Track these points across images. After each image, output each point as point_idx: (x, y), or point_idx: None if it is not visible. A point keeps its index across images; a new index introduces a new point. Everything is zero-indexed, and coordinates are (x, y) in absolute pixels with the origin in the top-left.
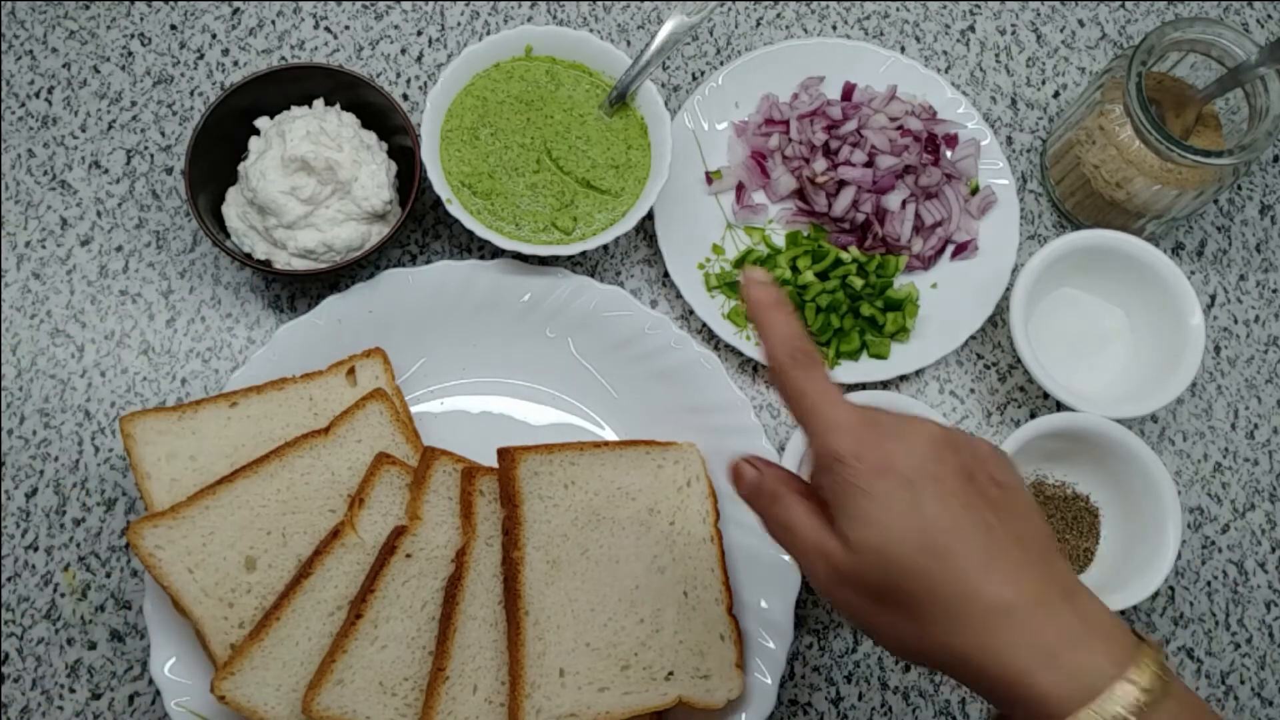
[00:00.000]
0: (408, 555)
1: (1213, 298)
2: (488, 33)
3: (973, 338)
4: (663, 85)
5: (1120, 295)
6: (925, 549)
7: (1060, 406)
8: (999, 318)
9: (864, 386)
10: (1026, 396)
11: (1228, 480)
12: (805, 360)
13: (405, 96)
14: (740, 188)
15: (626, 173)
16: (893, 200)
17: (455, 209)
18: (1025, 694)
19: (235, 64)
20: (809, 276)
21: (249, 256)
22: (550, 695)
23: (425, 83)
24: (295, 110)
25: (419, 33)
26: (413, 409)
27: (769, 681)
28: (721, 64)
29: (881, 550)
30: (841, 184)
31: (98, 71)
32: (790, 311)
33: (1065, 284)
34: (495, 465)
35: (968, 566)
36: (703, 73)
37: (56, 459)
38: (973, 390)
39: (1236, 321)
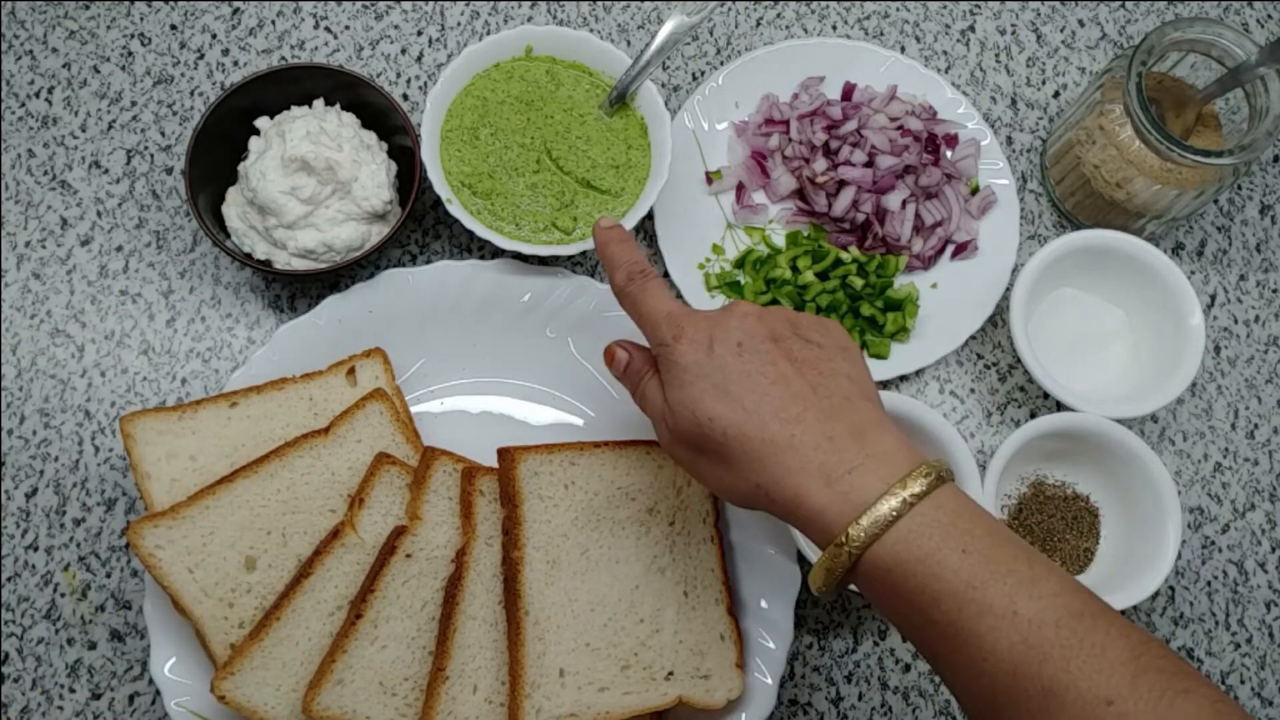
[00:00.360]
0: (408, 555)
1: (1213, 298)
2: (488, 33)
3: (973, 338)
4: (663, 85)
5: (1120, 295)
6: (721, 398)
7: (1060, 406)
8: (999, 318)
9: None
10: (1026, 396)
11: (1228, 480)
12: (641, 276)
13: (405, 96)
14: (740, 188)
15: (626, 173)
16: (893, 200)
17: (455, 209)
18: (806, 513)
19: (235, 64)
20: (809, 276)
21: (249, 256)
22: (550, 695)
23: (425, 83)
24: (295, 110)
25: (419, 33)
26: (413, 409)
27: (769, 681)
28: (721, 64)
29: (689, 405)
30: (841, 184)
31: (98, 71)
32: (632, 242)
33: (1065, 284)
34: (495, 465)
35: (757, 409)
36: (703, 73)
37: (56, 459)
38: (973, 390)
39: (1236, 321)
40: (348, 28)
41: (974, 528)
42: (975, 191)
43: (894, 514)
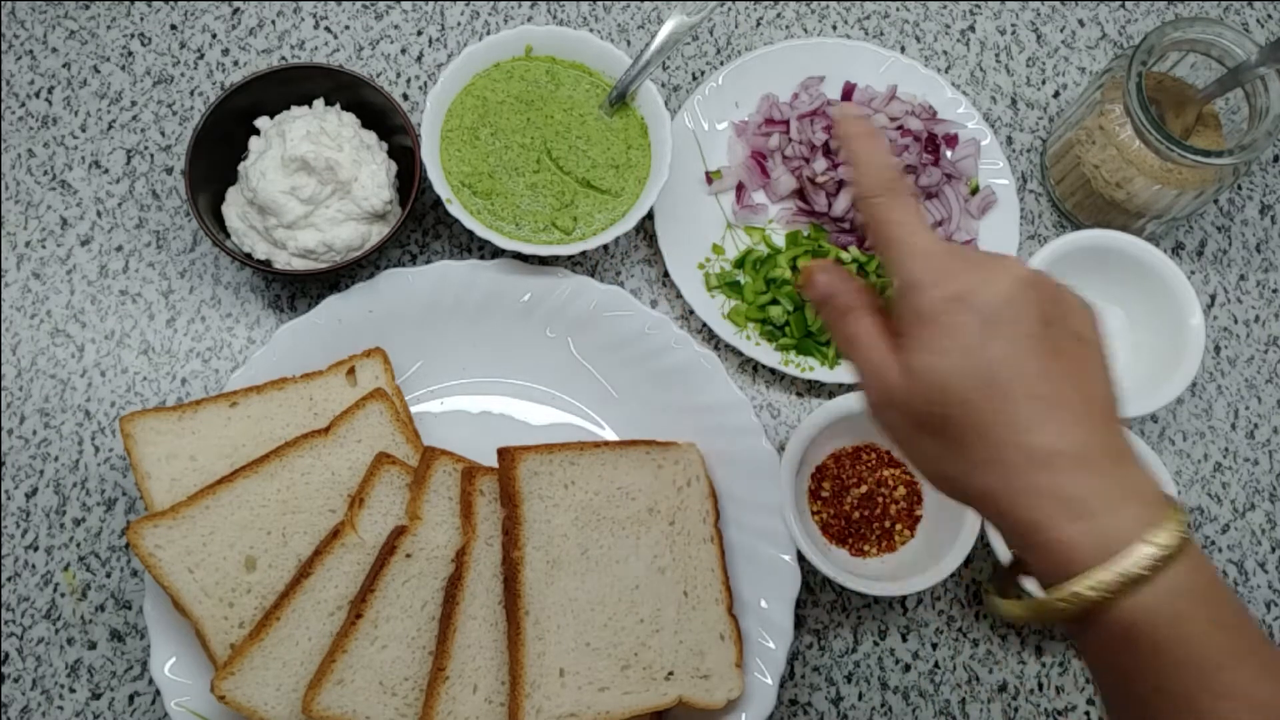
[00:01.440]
0: (408, 555)
1: (1213, 298)
2: (488, 33)
3: None
4: (663, 85)
5: (1120, 295)
6: (983, 385)
7: None
8: None
9: None
10: None
11: (1228, 480)
12: (894, 188)
13: (405, 96)
14: (740, 188)
15: (626, 173)
16: None
17: (455, 209)
18: (1042, 542)
19: (235, 64)
20: None
21: (249, 256)
22: (550, 695)
23: (425, 83)
24: (295, 110)
25: (419, 33)
26: (413, 409)
27: (769, 681)
28: (721, 64)
29: (939, 380)
30: (841, 184)
31: (98, 71)
32: (882, 141)
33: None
34: (495, 465)
35: (1020, 410)
36: (703, 73)
37: (56, 459)
38: None
39: (1236, 321)
40: (348, 28)
41: (1222, 595)
42: (975, 191)
43: (1149, 569)
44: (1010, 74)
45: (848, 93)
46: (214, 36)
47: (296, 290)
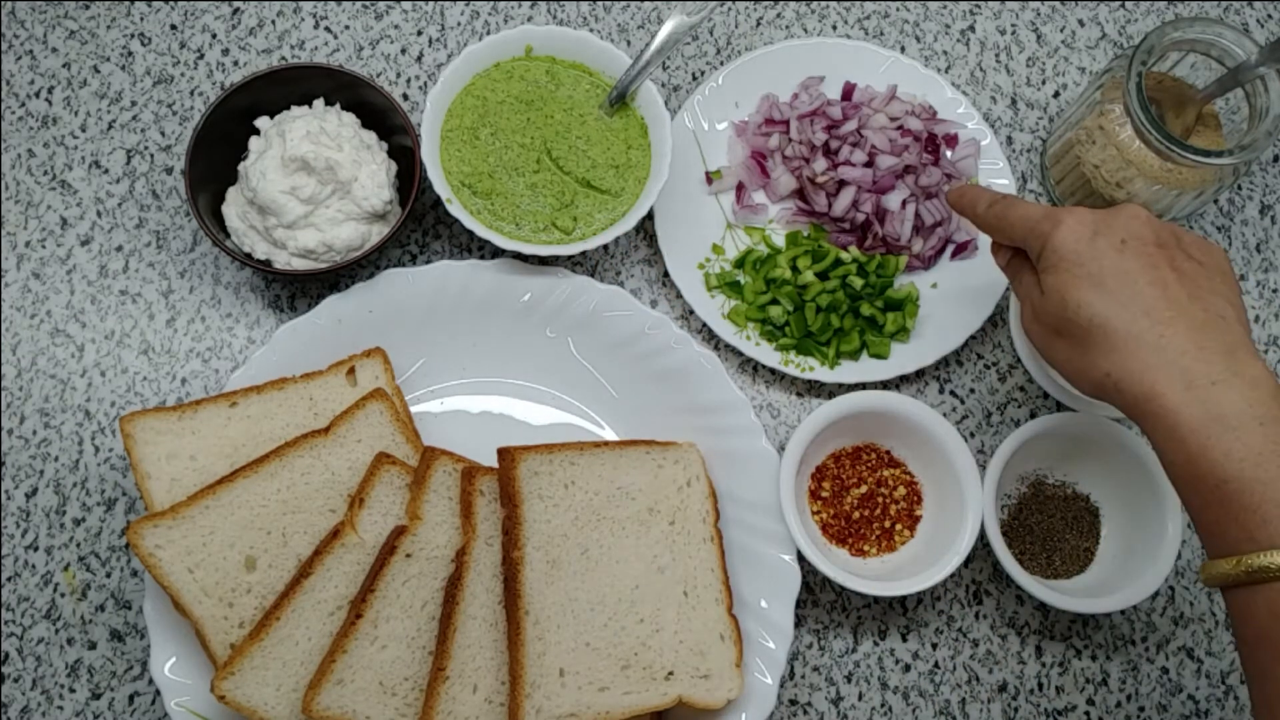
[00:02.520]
0: (408, 555)
1: None
2: (488, 33)
3: (973, 338)
4: (663, 85)
5: None
6: (1094, 287)
7: (1060, 406)
8: (999, 318)
9: (864, 386)
10: (1026, 396)
11: None
12: (997, 199)
13: (405, 96)
14: (740, 188)
15: (626, 173)
16: (893, 200)
17: (455, 209)
18: (1155, 409)
19: (235, 64)
20: (809, 276)
21: (249, 256)
22: (550, 695)
23: (425, 83)
24: (295, 110)
25: (419, 33)
26: (413, 409)
27: (769, 681)
28: (721, 64)
29: (1060, 289)
30: (841, 184)
31: (98, 71)
32: (973, 186)
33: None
34: (495, 465)
35: (1130, 306)
36: (703, 73)
37: (56, 459)
38: (973, 390)
39: None
40: (348, 28)
41: None
42: None
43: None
44: (1010, 74)
45: (848, 92)
46: (214, 36)
47: (296, 290)
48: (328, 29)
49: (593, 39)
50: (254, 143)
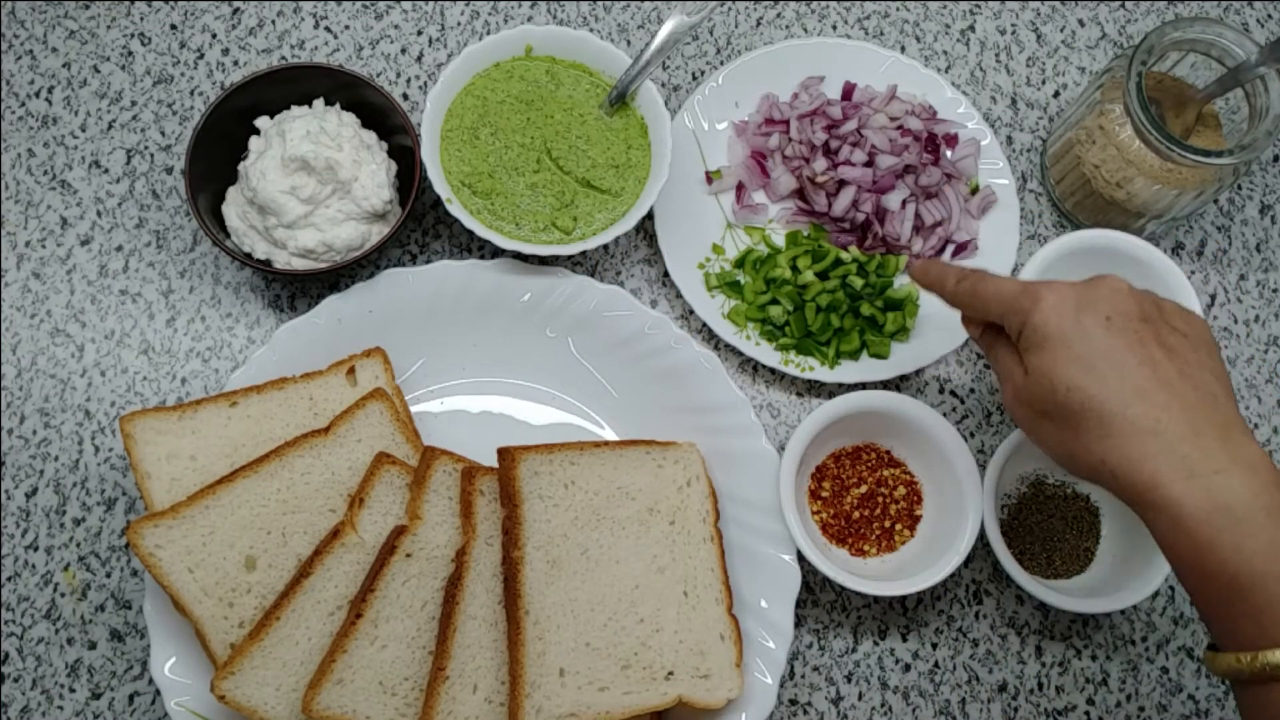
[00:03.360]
0: (408, 555)
1: (1213, 298)
2: (488, 32)
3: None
4: (663, 85)
5: None
6: (1085, 370)
7: None
8: None
9: (864, 386)
10: None
11: None
12: (967, 274)
13: (405, 96)
14: (740, 187)
15: (626, 172)
16: (893, 200)
17: (455, 209)
18: (1159, 500)
19: (235, 64)
20: (809, 276)
21: (249, 256)
22: (550, 695)
23: (425, 82)
24: (295, 110)
25: (419, 32)
26: (413, 409)
27: (769, 681)
28: (721, 64)
29: (1047, 371)
30: (841, 184)
31: (98, 71)
32: (938, 262)
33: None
34: (495, 465)
35: (1123, 388)
36: (703, 73)
37: (56, 459)
38: (973, 390)
39: (1236, 321)
40: (348, 28)
41: None
42: (975, 191)
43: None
44: (1010, 74)
45: (848, 92)
46: (214, 36)
47: (296, 290)
48: (328, 29)
49: (593, 39)
50: (254, 143)
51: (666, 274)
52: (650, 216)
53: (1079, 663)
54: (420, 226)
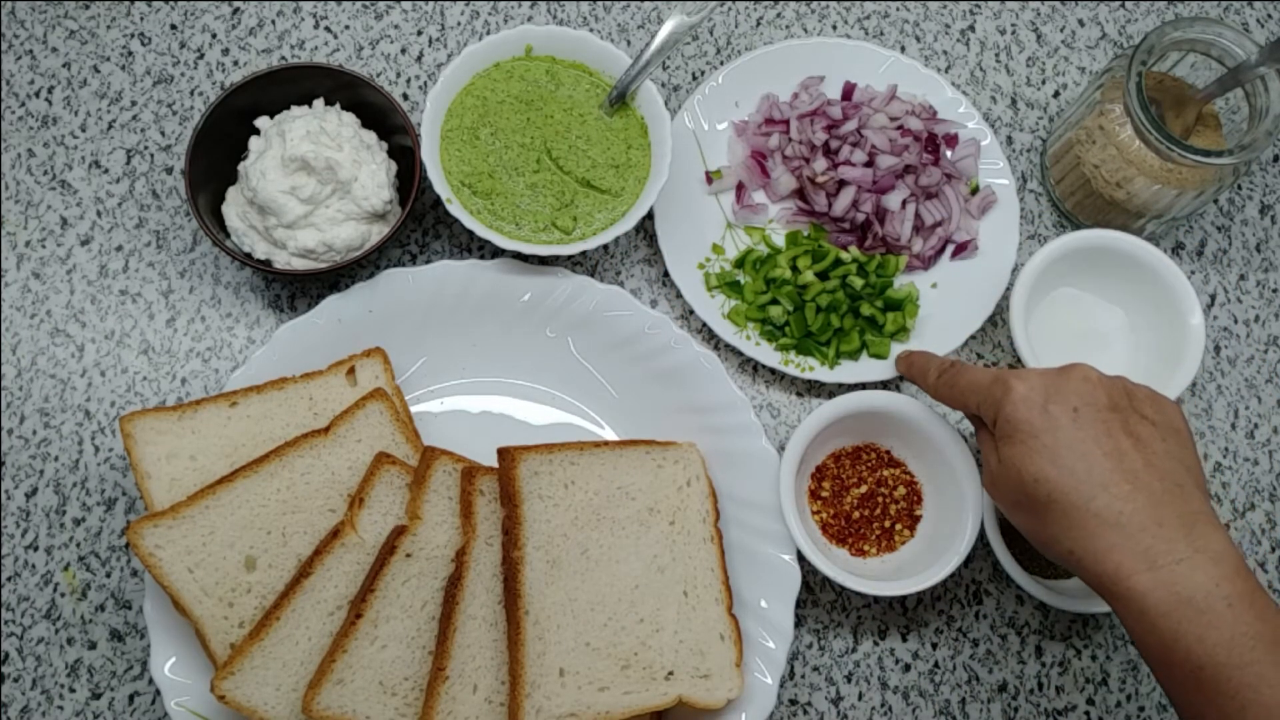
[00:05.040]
0: (408, 555)
1: (1213, 298)
2: (488, 32)
3: (973, 338)
4: (663, 85)
5: (1120, 295)
6: (1051, 461)
7: None
8: (999, 318)
9: (864, 386)
10: None
11: (1228, 480)
12: (946, 367)
13: (405, 96)
14: (740, 187)
15: (626, 172)
16: (893, 200)
17: (455, 209)
18: (1123, 591)
19: (235, 64)
20: (809, 276)
21: (249, 256)
22: (550, 695)
23: (425, 82)
24: (295, 110)
25: (419, 32)
26: (413, 409)
27: (769, 681)
28: (721, 64)
29: (1017, 462)
30: (841, 184)
31: (98, 71)
32: (922, 352)
33: (1065, 284)
34: (495, 465)
35: (1089, 480)
36: (703, 72)
37: (56, 459)
38: None
39: (1236, 321)
40: (348, 28)
41: None
42: (975, 191)
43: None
44: (1010, 74)
45: (848, 92)
46: (214, 36)
47: (296, 290)
48: (328, 29)
49: (593, 39)
50: (254, 143)
51: (666, 274)
52: (650, 216)
53: (1079, 663)
54: (420, 226)
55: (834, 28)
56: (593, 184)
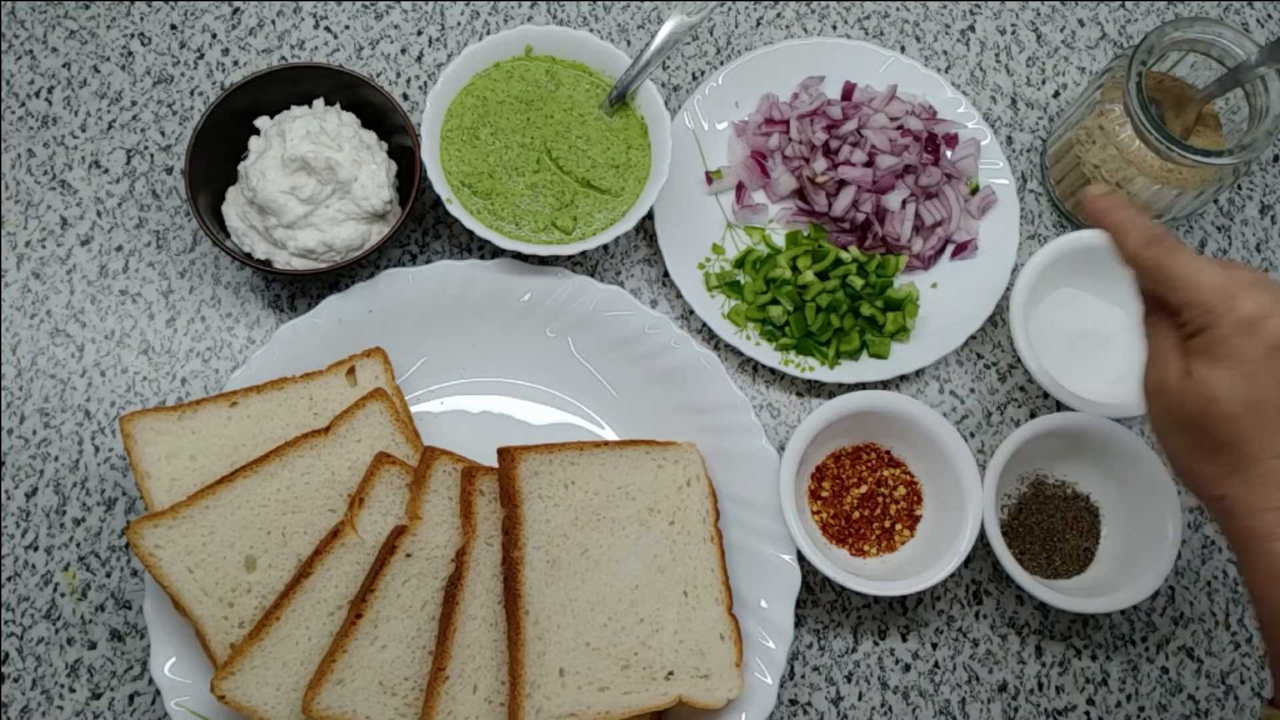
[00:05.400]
0: (408, 555)
1: None
2: (488, 32)
3: (973, 338)
4: (663, 85)
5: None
6: (1249, 405)
7: (1060, 406)
8: (999, 318)
9: (864, 386)
10: (1026, 396)
11: None
12: (1158, 238)
13: (405, 96)
14: (740, 187)
15: (626, 172)
16: (893, 200)
17: (455, 209)
18: (1264, 552)
19: (235, 64)
20: (809, 276)
21: (249, 256)
22: (550, 695)
23: (425, 82)
24: (295, 110)
25: (419, 32)
26: (413, 409)
27: (769, 681)
28: (721, 64)
29: (1212, 390)
30: (841, 184)
31: (98, 71)
32: (1133, 206)
33: (1065, 284)
34: (495, 465)
35: (1277, 437)
36: (703, 73)
37: (56, 459)
38: (973, 390)
39: None
40: (348, 28)
41: None
42: (975, 191)
43: None
44: (1010, 74)
45: (848, 92)
46: (214, 36)
47: (296, 290)
48: (328, 29)
49: (593, 39)
50: (254, 143)
51: (666, 274)
52: (650, 216)
53: (1079, 663)
54: (420, 226)
55: (834, 28)
56: (593, 184)
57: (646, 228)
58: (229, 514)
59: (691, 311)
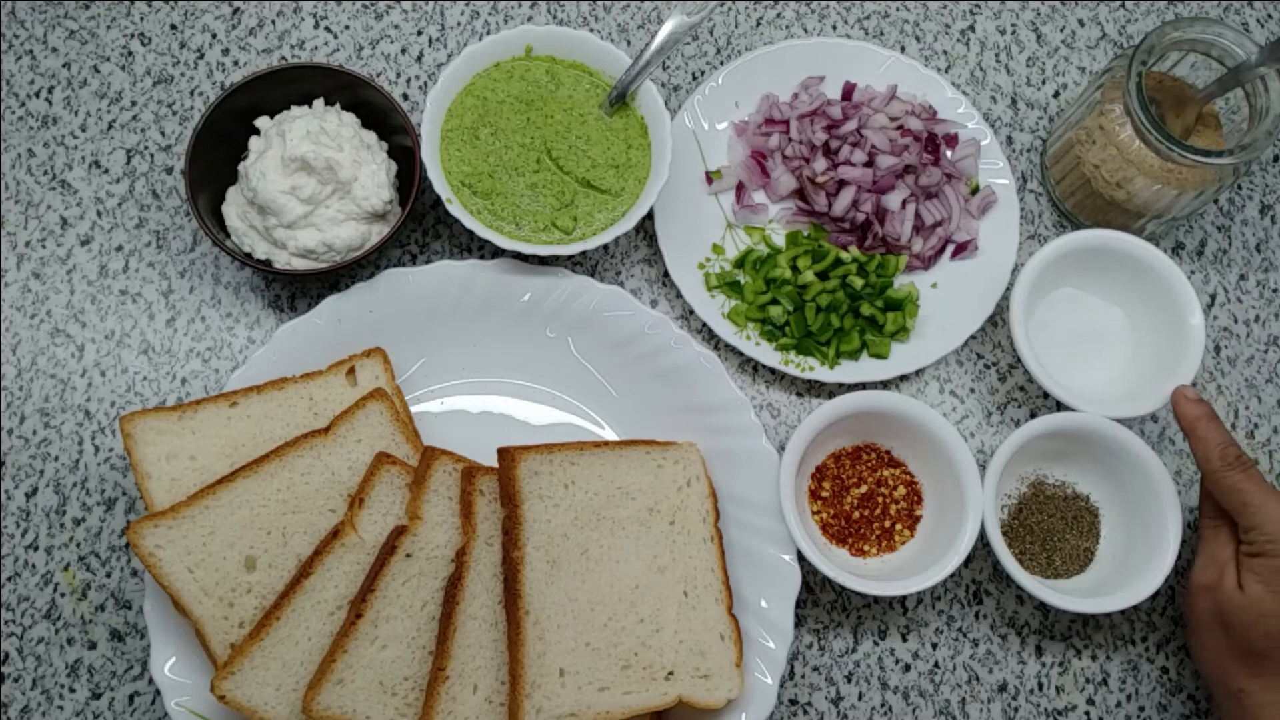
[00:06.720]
0: (408, 555)
1: (1213, 298)
2: (488, 32)
3: (973, 338)
4: (663, 85)
5: (1120, 295)
6: None
7: (1060, 406)
8: (999, 318)
9: (864, 386)
10: (1026, 396)
11: None
12: (1238, 462)
13: (405, 96)
14: (740, 187)
15: (626, 172)
16: (893, 200)
17: (455, 209)
18: None
19: (235, 64)
20: (809, 276)
21: (249, 256)
22: (550, 695)
23: (425, 83)
24: (295, 110)
25: (419, 32)
26: (413, 409)
27: (769, 681)
28: (721, 64)
29: (1263, 609)
30: (841, 184)
31: (98, 71)
32: (1220, 421)
33: (1065, 284)
34: (495, 465)
35: None
36: (703, 73)
37: (56, 459)
38: (973, 390)
39: (1236, 321)
40: (348, 28)
41: None
42: (975, 191)
43: None
44: (1010, 74)
45: (848, 92)
46: (214, 36)
47: (296, 290)
48: (328, 29)
49: (593, 39)
50: (254, 143)
51: (666, 274)
52: (650, 216)
53: (1079, 663)
54: (420, 226)
55: (834, 28)
56: (593, 184)
57: (646, 228)
58: (229, 514)
59: (691, 311)
